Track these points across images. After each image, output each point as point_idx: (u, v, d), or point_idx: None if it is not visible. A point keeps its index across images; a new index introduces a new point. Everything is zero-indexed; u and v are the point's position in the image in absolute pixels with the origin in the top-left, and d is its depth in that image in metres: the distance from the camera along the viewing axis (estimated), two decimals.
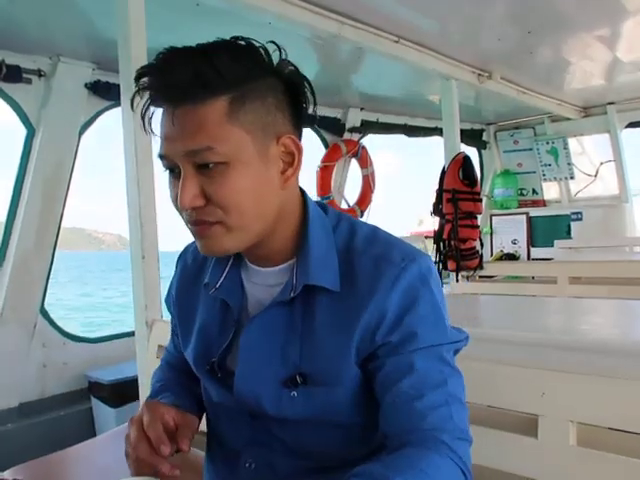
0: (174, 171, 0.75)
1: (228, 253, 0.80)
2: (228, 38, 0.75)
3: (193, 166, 0.72)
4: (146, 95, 0.74)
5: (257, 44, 0.74)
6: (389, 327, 0.75)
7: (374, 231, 0.84)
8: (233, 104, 0.71)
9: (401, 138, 5.28)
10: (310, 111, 0.80)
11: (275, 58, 0.76)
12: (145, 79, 0.72)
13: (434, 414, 0.72)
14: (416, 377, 0.74)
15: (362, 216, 5.00)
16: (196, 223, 0.75)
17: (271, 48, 0.75)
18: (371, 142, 5.20)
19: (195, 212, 0.74)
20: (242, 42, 0.74)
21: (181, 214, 0.78)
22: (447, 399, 0.73)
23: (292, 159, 0.78)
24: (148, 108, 0.75)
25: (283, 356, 0.80)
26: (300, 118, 0.79)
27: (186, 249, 1.01)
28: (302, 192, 0.85)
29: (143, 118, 0.76)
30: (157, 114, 0.76)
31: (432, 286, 0.78)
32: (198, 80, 0.69)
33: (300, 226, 0.82)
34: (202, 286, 0.90)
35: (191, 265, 0.96)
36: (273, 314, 0.81)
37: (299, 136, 0.79)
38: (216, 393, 0.90)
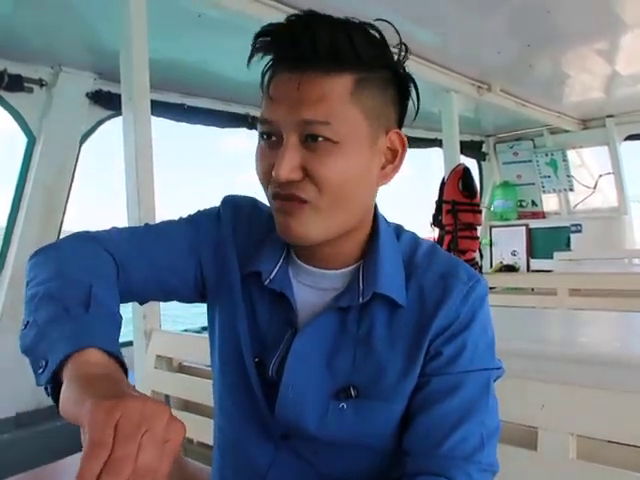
0: (271, 139, 0.71)
1: (307, 241, 0.73)
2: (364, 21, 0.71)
3: (299, 137, 0.68)
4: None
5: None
6: (446, 338, 0.74)
7: (434, 246, 0.82)
8: (358, 84, 0.69)
9: None
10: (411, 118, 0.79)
11: None
12: (268, 38, 0.69)
13: (467, 443, 0.70)
14: (459, 402, 0.71)
15: None
16: (287, 198, 0.70)
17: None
18: None
19: (288, 186, 0.69)
20: (374, 31, 0.71)
21: (266, 188, 0.73)
22: (483, 430, 0.71)
23: (394, 156, 0.76)
24: (270, 68, 0.71)
25: (333, 365, 0.76)
26: (403, 119, 0.78)
27: (254, 202, 0.88)
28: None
29: (263, 78, 0.72)
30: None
31: (487, 309, 0.78)
32: (333, 50, 0.66)
33: (371, 232, 0.80)
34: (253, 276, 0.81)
35: (257, 226, 0.85)
36: (327, 320, 0.77)
37: None
38: (250, 398, 0.80)
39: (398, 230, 0.83)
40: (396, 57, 0.74)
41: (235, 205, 0.88)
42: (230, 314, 0.83)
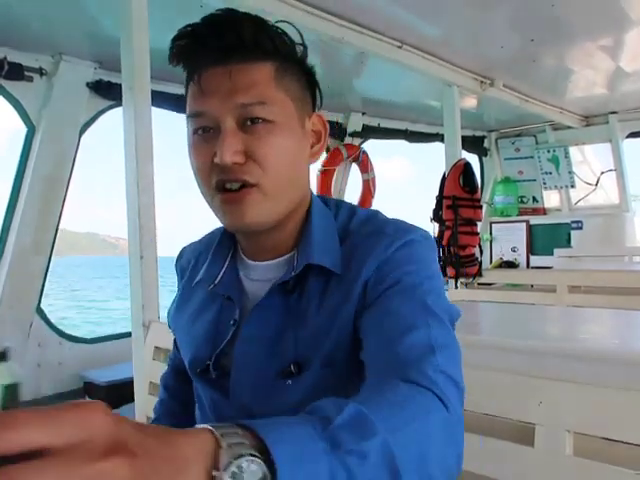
0: (208, 131, 0.74)
1: (260, 226, 0.77)
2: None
3: (237, 122, 0.72)
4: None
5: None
6: (378, 279, 0.74)
7: (373, 213, 0.84)
8: (278, 71, 0.75)
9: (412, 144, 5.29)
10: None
11: None
12: (185, 41, 0.73)
13: (415, 351, 0.66)
14: (396, 318, 0.70)
15: None
16: (234, 181, 0.73)
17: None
18: (386, 147, 5.24)
19: (235, 171, 0.72)
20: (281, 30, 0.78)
21: (205, 184, 0.75)
22: (431, 341, 0.67)
23: (318, 138, 0.82)
24: (195, 65, 0.75)
25: (280, 345, 0.78)
26: (315, 105, 0.83)
27: (181, 253, 0.99)
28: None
29: (193, 77, 0.75)
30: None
31: (424, 247, 0.78)
32: (256, 41, 0.73)
33: (306, 216, 0.83)
34: (200, 287, 0.88)
35: (189, 268, 0.94)
36: (271, 303, 0.79)
37: None
38: (209, 397, 0.86)
39: (337, 205, 0.86)
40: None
41: (177, 259, 0.99)
42: (185, 331, 0.92)
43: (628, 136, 5.40)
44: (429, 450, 0.55)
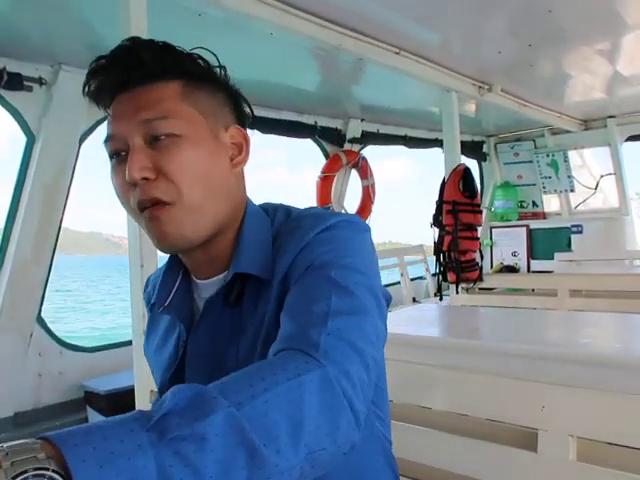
0: (120, 155, 0.74)
1: (189, 242, 0.75)
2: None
3: (144, 139, 0.72)
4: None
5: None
6: (294, 269, 0.72)
7: (302, 210, 0.83)
8: (186, 88, 0.75)
9: None
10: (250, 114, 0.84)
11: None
12: (93, 77, 0.75)
13: (308, 320, 0.64)
14: (300, 296, 0.69)
15: None
16: (148, 202, 0.71)
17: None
18: (387, 147, 5.25)
19: (146, 188, 0.71)
20: (197, 56, 0.80)
21: (129, 205, 0.74)
22: (329, 309, 0.64)
23: (240, 150, 0.80)
24: (111, 97, 0.76)
25: (226, 360, 0.76)
26: (243, 118, 0.83)
27: (147, 282, 0.99)
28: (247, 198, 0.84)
29: (107, 108, 0.77)
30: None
31: (345, 230, 0.75)
32: (157, 64, 0.74)
33: (241, 227, 0.81)
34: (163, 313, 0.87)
35: (154, 295, 0.93)
36: (213, 320, 0.78)
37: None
38: None
39: (275, 209, 0.84)
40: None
41: (144, 289, 0.98)
42: (155, 358, 0.90)
43: (627, 139, 5.41)
44: (301, 415, 0.52)
